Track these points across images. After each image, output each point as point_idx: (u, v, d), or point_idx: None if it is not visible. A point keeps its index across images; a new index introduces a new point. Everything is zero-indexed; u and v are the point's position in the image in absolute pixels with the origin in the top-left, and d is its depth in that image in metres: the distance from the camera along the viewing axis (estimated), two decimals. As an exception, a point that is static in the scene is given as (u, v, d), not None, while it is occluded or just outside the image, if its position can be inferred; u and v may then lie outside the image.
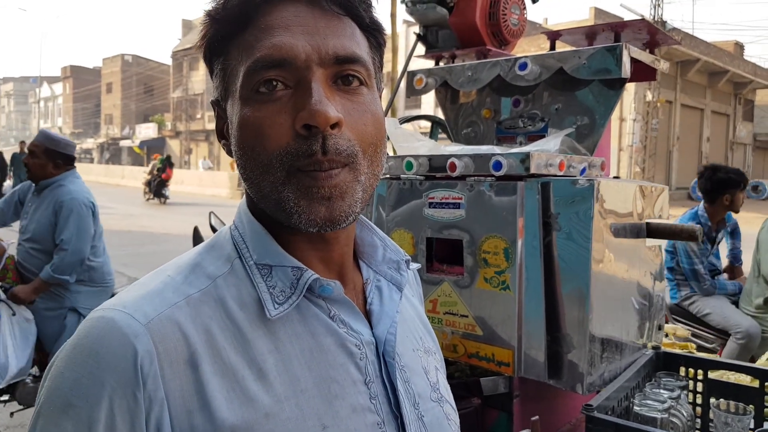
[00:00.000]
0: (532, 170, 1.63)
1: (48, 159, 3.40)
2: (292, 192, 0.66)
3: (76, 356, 0.61)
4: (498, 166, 1.66)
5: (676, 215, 4.91)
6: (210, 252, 0.73)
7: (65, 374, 0.60)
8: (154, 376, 0.59)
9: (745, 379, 1.89)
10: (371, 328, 0.75)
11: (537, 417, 1.60)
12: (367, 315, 0.77)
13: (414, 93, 2.32)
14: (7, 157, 15.65)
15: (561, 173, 1.71)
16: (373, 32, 0.74)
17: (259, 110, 0.66)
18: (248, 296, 0.68)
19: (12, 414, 3.54)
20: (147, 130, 48.24)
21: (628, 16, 23.41)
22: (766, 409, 1.66)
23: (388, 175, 1.97)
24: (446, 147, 2.00)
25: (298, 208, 0.66)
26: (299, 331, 0.69)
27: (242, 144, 0.68)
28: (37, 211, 3.45)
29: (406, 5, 2.46)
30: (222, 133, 0.76)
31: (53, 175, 3.43)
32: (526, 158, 1.63)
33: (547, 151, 1.75)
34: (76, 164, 3.62)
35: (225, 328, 0.65)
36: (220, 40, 0.70)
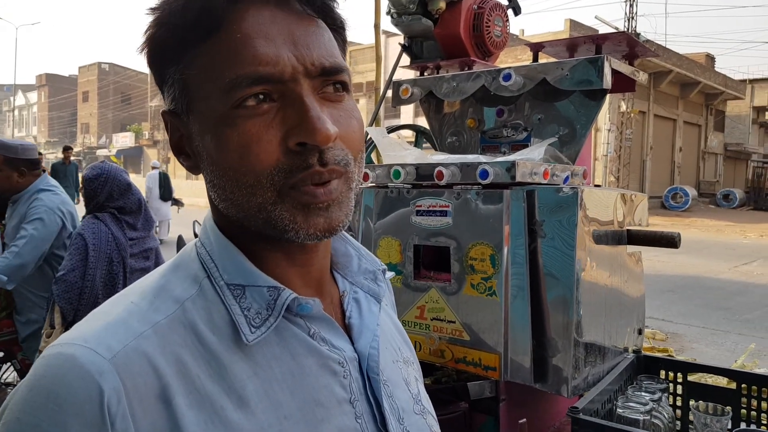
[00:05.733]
0: (518, 179, 1.67)
1: (11, 169, 3.04)
2: (287, 211, 0.62)
3: (34, 399, 0.53)
4: (484, 174, 1.70)
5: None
6: (175, 272, 0.67)
7: (22, 420, 0.53)
8: (123, 416, 0.53)
9: (722, 382, 1.94)
10: (352, 343, 0.72)
11: (524, 420, 1.64)
12: (347, 329, 0.73)
13: (400, 102, 2.36)
14: None
15: (545, 182, 1.75)
16: (341, 31, 0.70)
17: (241, 127, 0.60)
18: (220, 319, 0.63)
19: None
20: (124, 140, 47.62)
21: (602, 28, 23.80)
22: (743, 410, 1.72)
23: (374, 184, 2.00)
24: (432, 156, 2.03)
25: (295, 224, 0.62)
26: (278, 354, 0.64)
27: (221, 164, 0.62)
28: (9, 225, 3.16)
29: (392, 17, 2.50)
30: (179, 148, 0.68)
31: (23, 185, 3.09)
32: (511, 167, 1.67)
33: (532, 160, 1.79)
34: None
35: (198, 356, 0.60)
36: (175, 46, 0.63)
